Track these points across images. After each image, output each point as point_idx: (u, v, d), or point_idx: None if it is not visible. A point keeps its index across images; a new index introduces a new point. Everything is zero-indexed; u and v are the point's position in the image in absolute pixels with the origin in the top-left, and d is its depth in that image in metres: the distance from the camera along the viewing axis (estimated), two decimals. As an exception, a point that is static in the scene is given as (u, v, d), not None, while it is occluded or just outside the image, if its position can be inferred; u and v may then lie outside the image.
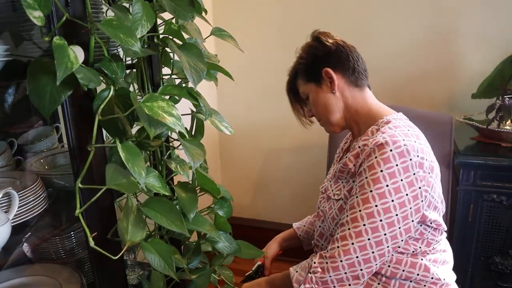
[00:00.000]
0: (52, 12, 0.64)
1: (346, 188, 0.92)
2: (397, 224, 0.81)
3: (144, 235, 0.72)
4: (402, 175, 0.81)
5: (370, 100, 0.98)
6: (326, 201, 0.99)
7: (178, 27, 0.82)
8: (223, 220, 0.96)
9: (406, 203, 0.81)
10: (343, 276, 0.84)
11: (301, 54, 1.01)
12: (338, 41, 0.96)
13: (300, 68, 1.01)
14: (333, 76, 0.94)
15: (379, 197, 0.81)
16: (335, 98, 0.96)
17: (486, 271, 1.40)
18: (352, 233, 0.82)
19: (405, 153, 0.81)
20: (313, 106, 1.01)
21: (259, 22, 1.96)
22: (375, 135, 0.87)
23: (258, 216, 2.24)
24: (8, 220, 0.72)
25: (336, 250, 0.84)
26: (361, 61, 0.97)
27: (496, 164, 1.31)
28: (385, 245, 0.82)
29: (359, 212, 0.82)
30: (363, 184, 0.83)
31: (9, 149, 0.98)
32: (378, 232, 0.81)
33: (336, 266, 0.83)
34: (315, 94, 0.98)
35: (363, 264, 0.83)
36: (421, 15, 1.72)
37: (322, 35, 0.97)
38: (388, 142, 0.82)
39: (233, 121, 1.25)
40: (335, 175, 0.99)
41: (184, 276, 0.92)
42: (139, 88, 0.87)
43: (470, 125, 1.50)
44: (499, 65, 1.50)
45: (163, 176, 0.87)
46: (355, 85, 0.96)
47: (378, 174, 0.81)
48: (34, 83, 0.60)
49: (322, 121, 1.02)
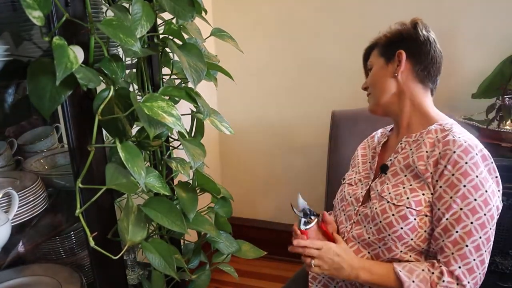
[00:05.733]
0: (52, 12, 0.64)
1: (412, 196, 0.86)
2: (492, 224, 0.84)
3: (144, 235, 0.72)
4: (489, 178, 0.83)
5: (429, 102, 0.97)
6: (378, 202, 0.92)
7: (178, 27, 0.82)
8: (223, 219, 0.96)
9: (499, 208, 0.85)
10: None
11: (391, 29, 1.00)
12: (431, 37, 0.95)
13: (382, 40, 1.00)
14: (403, 60, 0.94)
15: (484, 204, 0.81)
16: (394, 82, 0.95)
17: (486, 271, 1.40)
18: (472, 250, 0.81)
19: (487, 157, 0.84)
20: (370, 78, 1.01)
21: (259, 23, 1.96)
22: (447, 135, 0.86)
23: (258, 216, 2.24)
24: (8, 220, 0.72)
25: (459, 269, 0.81)
26: (437, 67, 0.96)
27: (496, 164, 1.31)
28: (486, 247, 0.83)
29: (472, 225, 0.81)
30: (463, 194, 0.81)
31: (9, 149, 0.98)
32: (490, 242, 0.82)
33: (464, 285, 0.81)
34: (379, 69, 0.98)
35: (482, 270, 0.84)
36: (421, 15, 1.72)
37: (421, 23, 0.97)
38: (471, 146, 0.82)
39: (233, 121, 1.26)
40: (384, 173, 0.95)
41: (184, 276, 0.92)
42: (139, 88, 0.87)
43: (470, 125, 1.50)
44: (499, 65, 1.50)
45: (163, 176, 0.87)
46: (419, 81, 0.95)
47: (476, 181, 0.81)
48: (34, 83, 0.60)
49: (370, 96, 1.01)
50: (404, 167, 0.91)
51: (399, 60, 0.94)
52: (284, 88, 1.99)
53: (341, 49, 1.85)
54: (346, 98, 1.77)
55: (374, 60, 1.01)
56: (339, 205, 1.05)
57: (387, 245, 0.88)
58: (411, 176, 0.89)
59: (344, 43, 1.85)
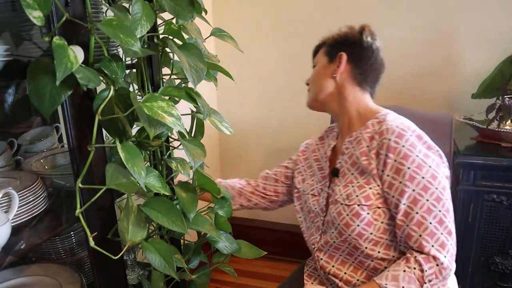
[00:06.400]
0: (52, 12, 0.64)
1: (361, 193, 0.89)
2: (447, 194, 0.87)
3: (144, 235, 0.72)
4: (430, 153, 0.86)
5: (367, 102, 1.00)
6: (334, 206, 0.94)
7: (178, 27, 0.82)
8: (223, 219, 0.96)
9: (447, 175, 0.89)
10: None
11: (340, 31, 1.03)
12: (374, 45, 0.98)
13: (329, 41, 1.04)
14: (343, 62, 0.97)
15: (433, 179, 0.84)
16: (332, 82, 0.99)
17: (486, 271, 1.40)
18: (436, 225, 0.82)
19: (422, 136, 0.88)
20: (312, 75, 1.05)
21: (259, 23, 1.96)
22: (381, 126, 0.89)
23: (258, 216, 2.24)
24: (8, 220, 0.72)
25: (432, 248, 0.81)
26: (376, 74, 0.99)
27: (496, 164, 1.31)
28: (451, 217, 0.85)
29: (428, 202, 0.83)
30: (410, 176, 0.83)
31: (9, 149, 0.98)
32: (450, 212, 0.85)
33: (443, 261, 0.82)
34: (321, 67, 1.02)
35: (452, 240, 0.84)
36: (421, 15, 1.72)
37: (367, 30, 0.99)
38: (404, 129, 0.86)
39: (233, 121, 1.26)
40: (336, 176, 0.97)
41: (184, 276, 0.92)
42: (139, 88, 0.87)
43: (470, 125, 1.50)
44: (499, 65, 1.50)
45: (163, 176, 0.87)
46: (357, 84, 0.98)
47: (418, 160, 0.84)
48: (34, 83, 0.60)
49: (310, 91, 1.06)
50: (350, 166, 0.94)
51: (339, 62, 0.97)
52: (284, 88, 1.98)
53: (341, 49, 1.85)
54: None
55: (319, 58, 1.04)
56: (308, 217, 1.06)
57: (352, 244, 0.91)
58: (357, 173, 0.92)
59: (344, 43, 1.85)
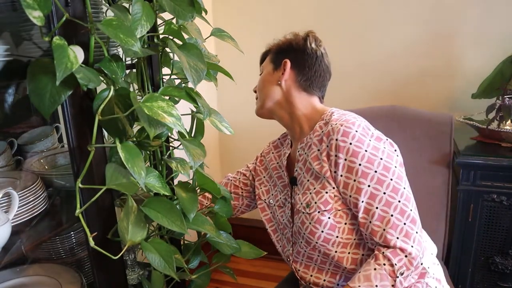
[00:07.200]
0: (52, 12, 0.64)
1: (318, 199, 0.88)
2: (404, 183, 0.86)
3: (144, 235, 0.72)
4: (380, 145, 0.86)
5: (315, 104, 0.98)
6: (297, 215, 0.94)
7: (178, 27, 0.82)
8: (223, 220, 0.96)
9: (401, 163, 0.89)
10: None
11: (285, 38, 1.03)
12: (318, 52, 0.97)
13: (274, 48, 1.04)
14: (287, 69, 0.97)
15: (386, 171, 0.83)
16: (279, 89, 0.98)
17: (486, 271, 1.40)
18: (398, 216, 0.82)
19: (368, 129, 0.87)
20: (258, 83, 1.05)
21: (259, 23, 1.96)
22: (327, 127, 0.88)
23: (258, 216, 2.24)
24: (8, 220, 0.72)
25: (398, 240, 0.81)
26: (320, 80, 0.98)
27: (496, 164, 1.31)
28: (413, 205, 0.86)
29: (385, 195, 0.82)
30: (363, 172, 0.83)
31: (9, 149, 0.98)
32: (411, 200, 0.84)
33: (407, 249, 0.81)
34: (266, 74, 1.02)
35: (417, 228, 0.84)
36: (421, 15, 1.72)
37: (312, 37, 0.99)
38: (348, 126, 0.85)
39: (233, 121, 1.25)
40: (295, 185, 0.97)
41: (184, 276, 0.92)
42: (139, 88, 0.87)
43: (470, 125, 1.50)
44: (499, 65, 1.50)
45: (163, 176, 0.87)
46: (303, 90, 0.98)
47: (367, 155, 0.83)
48: (34, 83, 0.60)
49: (258, 99, 1.05)
50: (305, 173, 0.94)
51: (284, 69, 0.97)
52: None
53: (340, 49, 1.85)
54: (344, 99, 1.77)
55: (265, 65, 1.04)
56: (278, 228, 1.07)
57: (322, 251, 0.90)
58: (312, 179, 0.91)
59: (343, 44, 1.85)
